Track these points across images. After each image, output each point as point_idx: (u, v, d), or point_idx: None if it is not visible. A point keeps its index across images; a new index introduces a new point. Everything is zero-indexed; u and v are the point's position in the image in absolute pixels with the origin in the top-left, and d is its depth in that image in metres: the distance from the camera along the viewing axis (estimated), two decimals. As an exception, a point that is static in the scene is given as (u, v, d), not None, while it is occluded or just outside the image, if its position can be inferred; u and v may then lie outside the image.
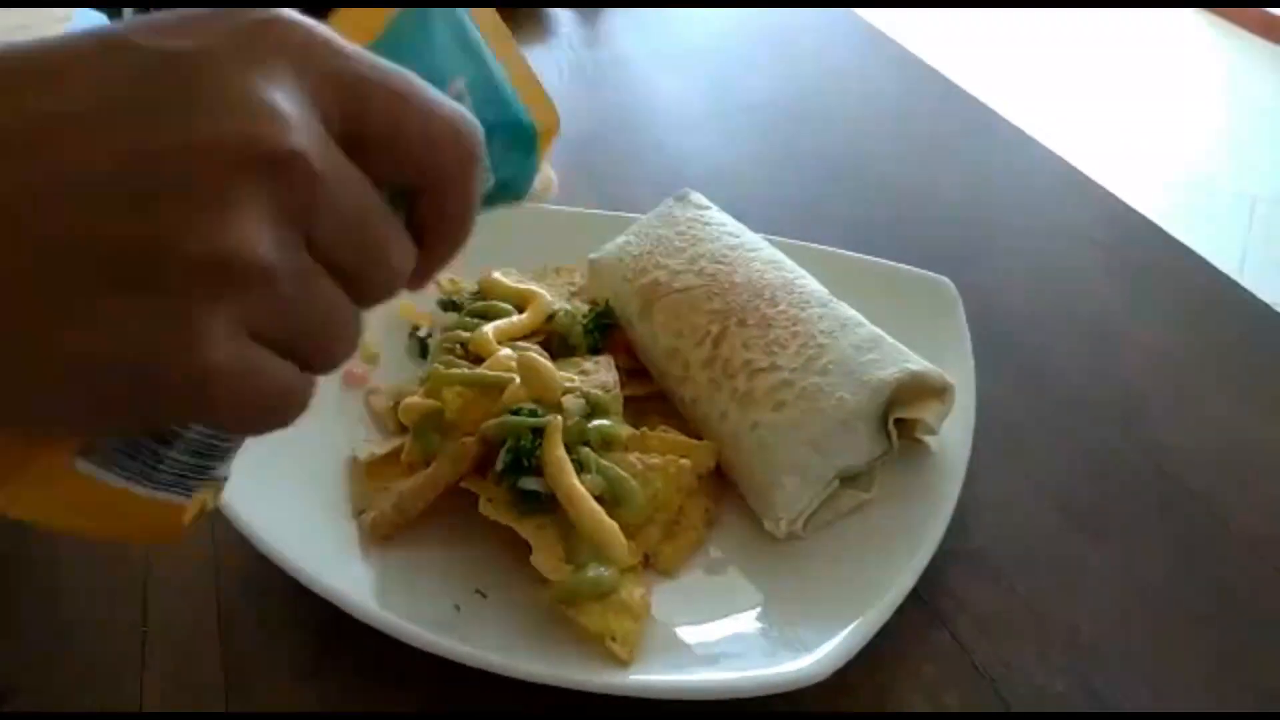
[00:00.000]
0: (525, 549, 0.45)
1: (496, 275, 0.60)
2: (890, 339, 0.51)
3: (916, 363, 0.49)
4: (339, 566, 0.46)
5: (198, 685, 0.45)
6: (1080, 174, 0.79)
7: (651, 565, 0.47)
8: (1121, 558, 0.50)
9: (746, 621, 0.44)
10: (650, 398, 0.56)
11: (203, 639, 0.47)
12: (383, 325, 0.60)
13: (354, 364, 0.57)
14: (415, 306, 0.61)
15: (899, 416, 0.49)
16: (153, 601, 0.48)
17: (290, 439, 0.51)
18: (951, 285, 0.59)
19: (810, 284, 0.55)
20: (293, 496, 0.49)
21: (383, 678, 0.44)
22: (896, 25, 1.04)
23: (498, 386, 0.49)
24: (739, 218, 0.61)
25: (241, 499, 0.47)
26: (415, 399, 0.50)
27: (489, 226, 0.66)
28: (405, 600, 0.44)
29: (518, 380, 0.49)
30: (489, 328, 0.54)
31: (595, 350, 0.56)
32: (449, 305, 0.59)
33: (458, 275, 0.62)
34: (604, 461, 0.47)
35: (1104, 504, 0.52)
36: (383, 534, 0.47)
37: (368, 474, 0.51)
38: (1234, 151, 2.59)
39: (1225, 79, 2.97)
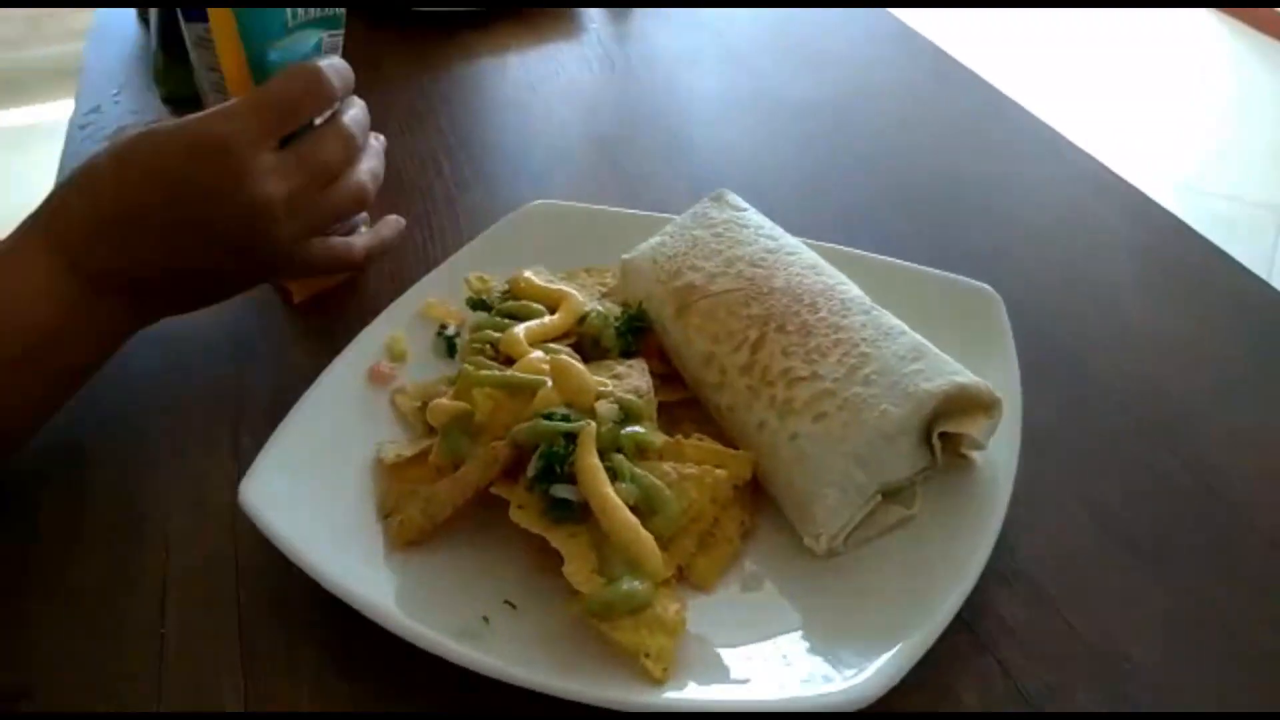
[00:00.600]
0: (555, 558, 0.43)
1: (527, 275, 0.58)
2: (935, 349, 0.49)
3: (964, 375, 0.47)
4: (363, 571, 0.45)
5: (216, 690, 0.43)
6: (1115, 176, 0.77)
7: (685, 579, 0.45)
8: (1173, 582, 0.48)
9: (784, 641, 0.43)
10: (683, 404, 0.54)
11: (222, 642, 0.45)
12: (410, 323, 0.58)
13: (380, 362, 0.56)
14: (443, 305, 0.60)
15: (944, 430, 0.47)
16: (171, 603, 0.47)
17: (313, 436, 0.51)
18: (995, 294, 0.57)
19: (851, 290, 0.53)
20: (316, 497, 0.48)
21: (407, 688, 0.43)
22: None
23: (529, 389, 0.48)
24: (774, 220, 0.60)
25: (262, 499, 0.46)
26: (444, 400, 0.48)
27: (519, 225, 0.66)
28: (431, 609, 0.43)
29: (550, 383, 0.48)
30: (520, 329, 0.52)
31: (627, 353, 0.55)
32: (478, 304, 0.58)
33: (486, 273, 0.61)
34: (638, 470, 0.45)
35: (1154, 525, 0.50)
36: (409, 539, 0.46)
37: (394, 476, 0.49)
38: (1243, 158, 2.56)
39: (1236, 83, 2.93)
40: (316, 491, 0.48)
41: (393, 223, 0.64)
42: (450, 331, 0.58)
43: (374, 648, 0.43)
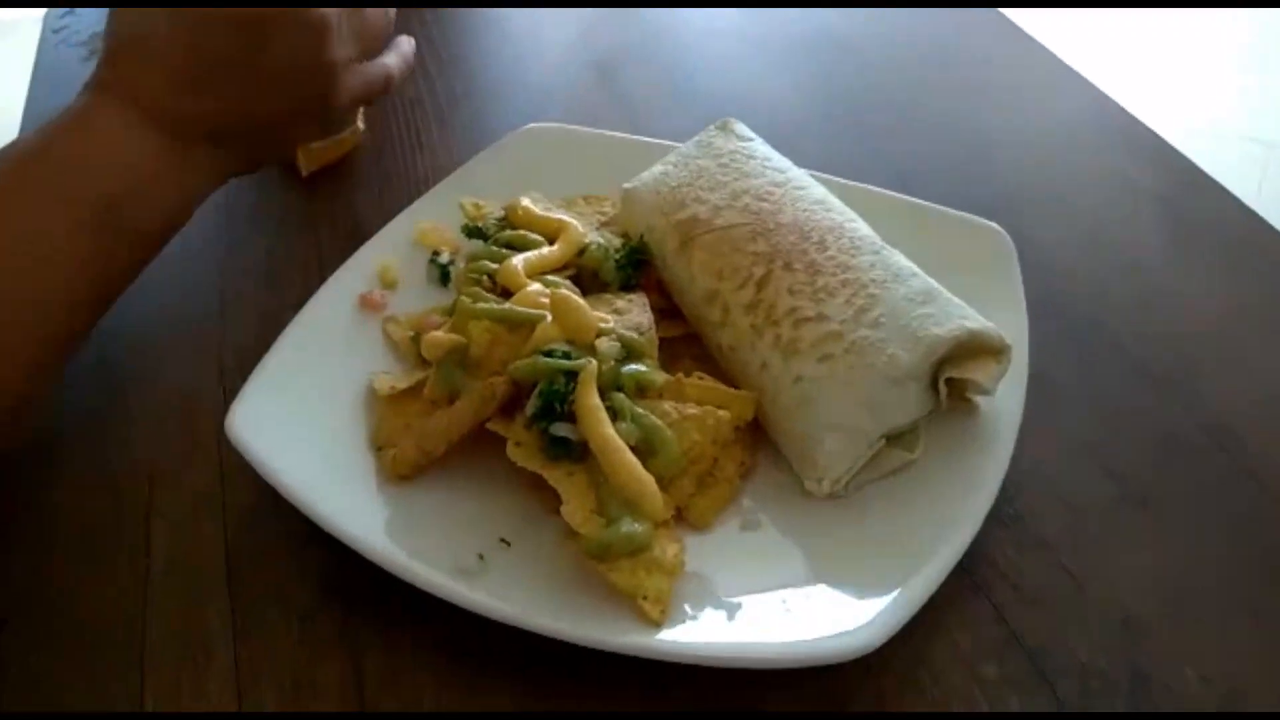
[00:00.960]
0: (552, 497, 0.42)
1: (525, 202, 0.56)
2: (946, 292, 0.48)
3: (974, 320, 0.46)
4: (355, 505, 0.44)
5: (202, 627, 0.43)
6: (1139, 123, 0.75)
7: (683, 519, 0.45)
8: (1174, 531, 0.47)
9: (783, 584, 0.42)
10: (683, 339, 0.53)
11: (208, 577, 0.44)
12: (401, 249, 0.56)
13: (371, 289, 0.54)
14: (437, 230, 0.58)
15: (952, 376, 0.46)
16: (156, 536, 0.46)
17: (302, 364, 0.50)
18: (1006, 235, 0.56)
19: (860, 228, 0.52)
20: (305, 427, 0.46)
21: (399, 625, 0.42)
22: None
23: (528, 324, 0.46)
24: (781, 153, 0.58)
25: (250, 428, 0.44)
26: (439, 333, 0.47)
27: (515, 148, 0.64)
28: (425, 545, 0.42)
29: (549, 318, 0.46)
30: (518, 260, 0.50)
31: (628, 287, 0.53)
32: (474, 232, 0.56)
33: (481, 198, 0.59)
34: (639, 410, 0.44)
35: (1156, 473, 0.50)
36: (403, 473, 0.45)
37: (387, 407, 0.48)
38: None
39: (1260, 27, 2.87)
40: (306, 421, 0.47)
41: (405, 41, 0.63)
42: (444, 259, 0.56)
43: (366, 582, 0.42)
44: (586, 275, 0.53)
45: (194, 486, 0.48)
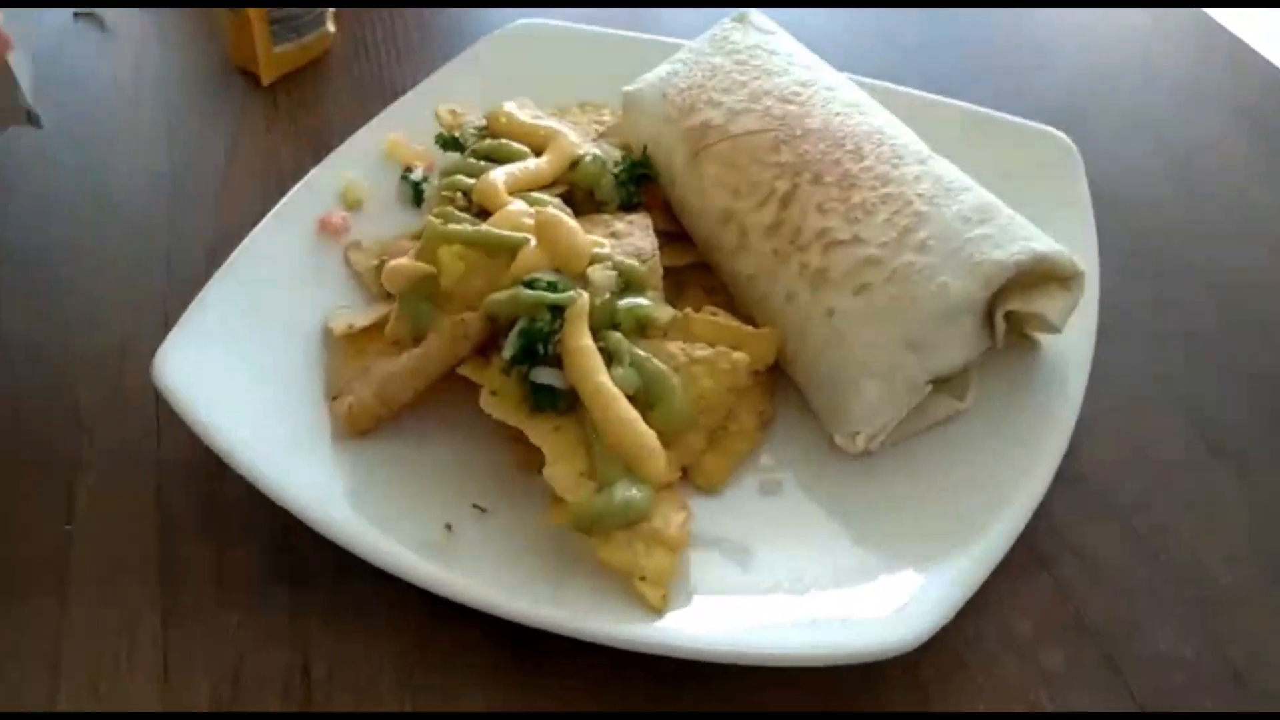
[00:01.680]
0: (535, 455, 0.36)
1: (508, 108, 0.48)
2: (1006, 208, 0.40)
3: (1041, 240, 0.39)
4: (303, 465, 0.38)
5: (129, 602, 0.37)
6: (1225, 30, 0.65)
7: (690, 479, 0.38)
8: (1267, 491, 0.40)
9: (809, 561, 0.36)
10: (692, 268, 0.46)
11: (137, 545, 0.38)
12: (369, 164, 0.49)
13: (332, 211, 0.47)
14: (409, 143, 0.50)
15: (1013, 309, 0.38)
16: (81, 492, 0.40)
17: (248, 298, 0.42)
18: (1071, 144, 0.48)
19: (903, 134, 0.44)
20: (247, 372, 0.40)
21: (356, 607, 0.36)
22: None
23: (508, 249, 0.39)
24: (811, 50, 0.49)
25: (183, 373, 0.38)
26: (404, 260, 0.40)
27: (500, 48, 0.55)
28: (385, 513, 0.36)
29: (533, 242, 0.39)
30: (498, 174, 0.43)
31: (628, 207, 0.46)
32: (450, 143, 0.49)
33: (461, 106, 0.51)
34: (639, 351, 0.37)
35: (1246, 423, 0.43)
36: (360, 427, 0.39)
37: (345, 349, 0.42)
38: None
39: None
40: (249, 366, 0.40)
41: None
42: (416, 175, 0.50)
43: (318, 555, 0.36)
44: (580, 193, 0.46)
45: (126, 440, 0.42)
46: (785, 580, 0.35)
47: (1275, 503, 0.40)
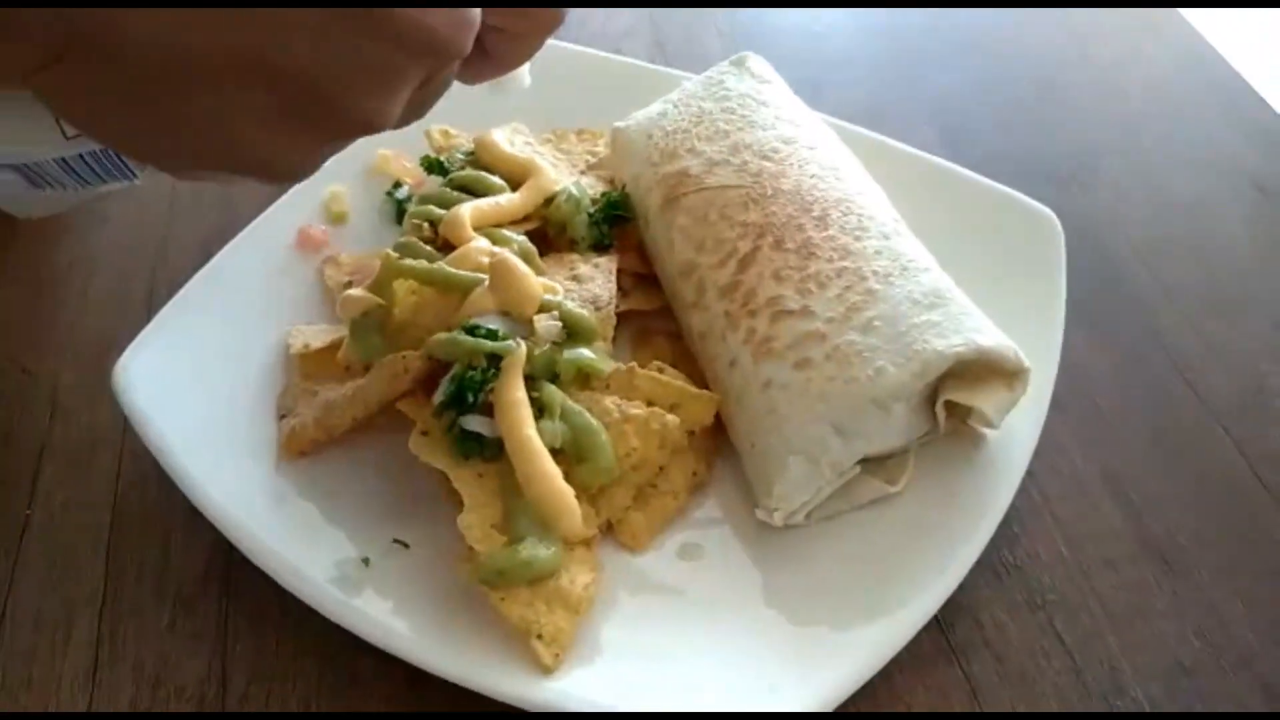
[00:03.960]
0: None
1: (497, 135, 0.48)
2: (960, 296, 0.40)
3: (986, 334, 0.38)
4: (240, 482, 0.39)
5: (70, 596, 0.39)
6: (1246, 86, 0.62)
7: (613, 535, 0.39)
8: (1202, 604, 0.40)
9: (716, 629, 0.36)
10: (660, 312, 0.46)
11: (89, 535, 0.40)
12: (356, 177, 0.50)
13: (312, 224, 0.48)
14: (399, 158, 0.51)
15: (950, 399, 0.38)
16: (44, 477, 0.42)
17: (217, 309, 0.42)
18: (1055, 220, 0.47)
19: (872, 204, 0.43)
20: (204, 382, 0.42)
21: (278, 621, 0.38)
22: None
23: (460, 288, 0.40)
24: (813, 88, 0.49)
25: (139, 379, 0.40)
26: (357, 291, 0.41)
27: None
28: (309, 539, 0.37)
29: (487, 283, 0.40)
30: (466, 208, 0.43)
31: (600, 246, 0.46)
32: (434, 166, 0.48)
33: (456, 127, 0.51)
34: (572, 404, 0.38)
35: (1193, 529, 0.42)
36: (298, 449, 0.40)
37: (301, 368, 0.42)
38: None
39: None
40: (207, 377, 0.41)
41: None
42: (401, 194, 0.50)
43: (249, 567, 0.37)
44: (554, 229, 0.46)
45: (95, 431, 0.43)
46: (687, 647, 0.35)
47: (1205, 617, 0.39)
